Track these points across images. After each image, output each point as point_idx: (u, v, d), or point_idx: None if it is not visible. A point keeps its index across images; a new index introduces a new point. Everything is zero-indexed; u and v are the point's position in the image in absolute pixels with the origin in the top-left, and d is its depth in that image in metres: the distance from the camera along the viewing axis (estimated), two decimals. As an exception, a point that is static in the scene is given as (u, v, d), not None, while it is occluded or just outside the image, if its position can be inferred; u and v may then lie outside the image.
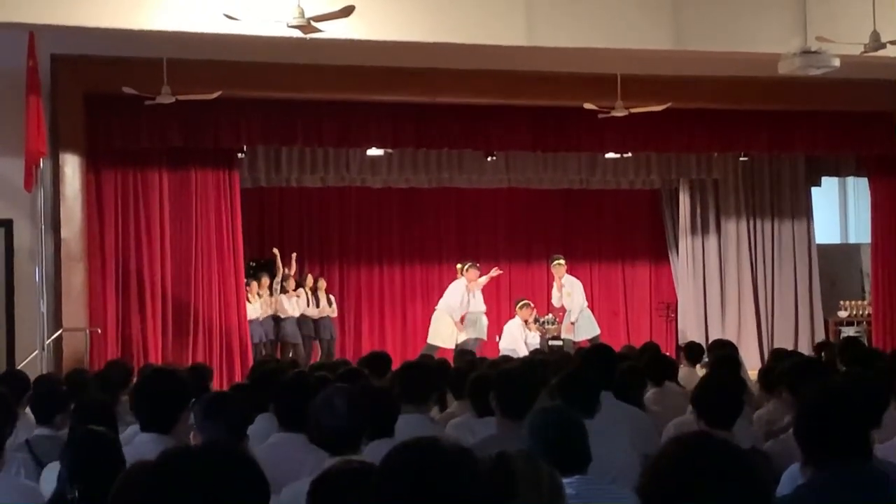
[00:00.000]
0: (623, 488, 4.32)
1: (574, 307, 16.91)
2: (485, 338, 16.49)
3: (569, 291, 16.99)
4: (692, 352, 11.15)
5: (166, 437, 4.91)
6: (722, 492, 2.46)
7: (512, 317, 16.94)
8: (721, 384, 5.56)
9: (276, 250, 16.78)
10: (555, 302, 17.20)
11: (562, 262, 17.19)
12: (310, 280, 16.89)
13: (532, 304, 16.94)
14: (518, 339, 16.42)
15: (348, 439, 4.54)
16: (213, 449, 2.53)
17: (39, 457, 5.49)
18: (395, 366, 9.23)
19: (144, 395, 5.20)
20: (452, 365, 9.45)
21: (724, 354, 8.72)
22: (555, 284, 17.27)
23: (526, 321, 16.65)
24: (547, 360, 8.80)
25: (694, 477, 2.48)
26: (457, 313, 16.38)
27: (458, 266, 16.86)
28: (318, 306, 16.66)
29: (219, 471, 2.42)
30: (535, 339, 16.50)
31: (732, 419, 5.37)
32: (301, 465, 4.68)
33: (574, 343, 16.17)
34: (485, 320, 16.65)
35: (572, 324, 16.83)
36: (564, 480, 4.12)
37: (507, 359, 10.46)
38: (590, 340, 16.21)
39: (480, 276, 16.87)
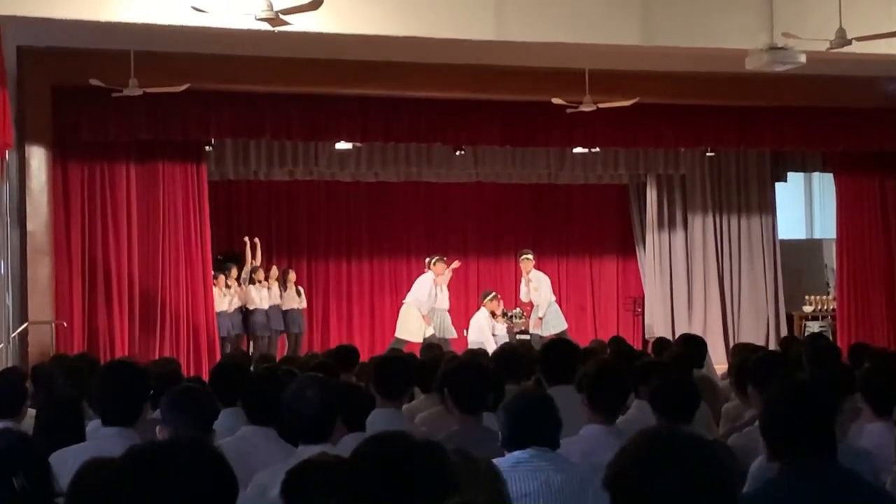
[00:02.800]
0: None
1: (541, 302, 16.95)
2: (454, 335, 16.48)
3: (536, 286, 17.02)
4: (661, 347, 11.15)
5: (130, 430, 4.90)
6: (688, 483, 2.48)
7: (479, 310, 16.96)
8: (675, 381, 5.59)
9: (246, 239, 16.76)
10: (522, 297, 17.24)
11: (530, 256, 17.23)
12: (274, 271, 16.86)
13: (499, 297, 16.97)
14: (486, 330, 16.43)
15: (319, 429, 4.57)
16: (181, 444, 2.53)
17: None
18: (363, 359, 9.28)
19: (106, 389, 5.17)
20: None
21: (680, 352, 8.71)
22: (523, 279, 17.31)
23: (493, 313, 16.67)
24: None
25: (660, 468, 2.49)
26: (425, 307, 16.37)
27: (427, 260, 16.86)
28: (281, 296, 16.65)
29: (187, 466, 2.42)
30: (502, 331, 16.54)
31: (690, 414, 5.40)
32: (269, 459, 4.69)
33: (541, 337, 16.21)
34: (448, 318, 16.65)
35: (540, 319, 16.86)
36: (520, 451, 4.32)
37: (473, 353, 10.45)
38: (557, 335, 16.29)
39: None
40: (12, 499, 3.65)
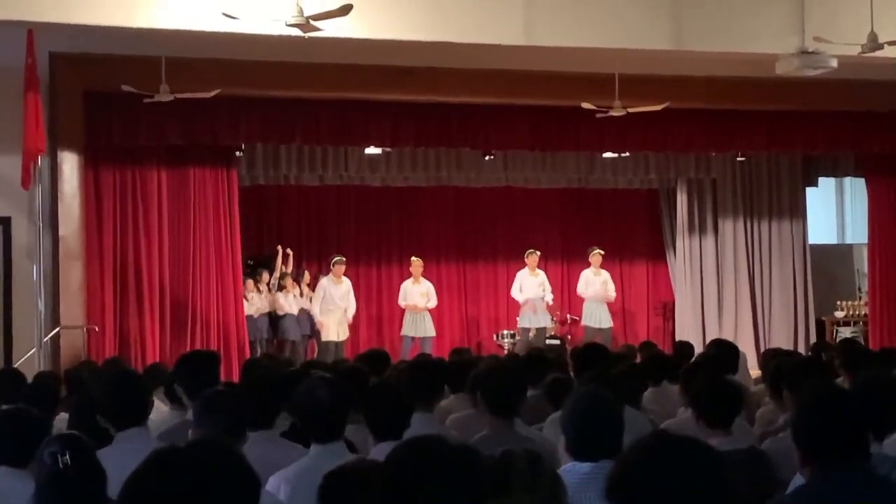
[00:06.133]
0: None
1: (612, 293, 17.84)
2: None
3: (604, 280, 17.72)
4: (682, 351, 11.06)
5: (143, 429, 5.08)
6: (684, 489, 2.48)
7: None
8: (719, 384, 5.57)
9: (279, 248, 16.83)
10: (582, 292, 17.76)
11: (602, 252, 17.84)
12: (306, 276, 16.92)
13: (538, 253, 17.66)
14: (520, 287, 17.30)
15: (331, 428, 4.66)
16: (202, 446, 2.53)
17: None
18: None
19: (108, 399, 5.24)
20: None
21: (711, 356, 8.68)
22: (588, 273, 17.77)
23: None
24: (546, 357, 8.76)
25: (656, 477, 2.49)
26: (317, 307, 16.53)
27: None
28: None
29: (207, 468, 2.41)
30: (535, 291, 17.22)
31: (731, 419, 5.38)
32: (272, 460, 4.70)
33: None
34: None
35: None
36: (589, 464, 4.15)
37: (505, 357, 10.45)
38: (599, 331, 17.06)
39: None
40: (60, 476, 3.72)
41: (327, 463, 3.66)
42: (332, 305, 16.60)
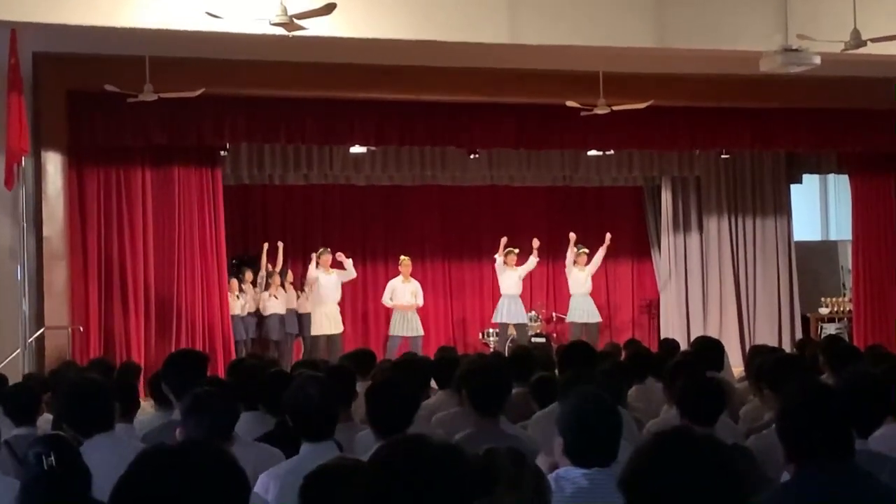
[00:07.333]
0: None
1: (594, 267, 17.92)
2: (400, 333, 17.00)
3: (587, 275, 17.65)
4: (668, 348, 11.03)
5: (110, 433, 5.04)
6: (698, 484, 2.51)
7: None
8: (703, 382, 5.59)
9: (266, 244, 16.76)
10: (574, 289, 17.70)
11: (587, 250, 17.78)
12: (289, 276, 16.87)
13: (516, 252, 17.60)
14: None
15: (320, 427, 4.69)
16: (190, 447, 2.53)
17: (19, 456, 5.50)
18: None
19: (74, 407, 5.22)
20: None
21: (695, 354, 8.69)
22: (574, 270, 17.68)
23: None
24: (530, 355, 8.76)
25: (673, 470, 2.51)
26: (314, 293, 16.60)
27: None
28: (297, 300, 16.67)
29: (196, 469, 2.41)
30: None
31: (715, 416, 5.40)
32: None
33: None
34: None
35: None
36: (582, 471, 4.04)
37: (491, 355, 10.45)
38: (587, 326, 17.04)
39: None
40: (45, 477, 3.73)
41: (317, 462, 3.66)
42: (322, 298, 16.57)
